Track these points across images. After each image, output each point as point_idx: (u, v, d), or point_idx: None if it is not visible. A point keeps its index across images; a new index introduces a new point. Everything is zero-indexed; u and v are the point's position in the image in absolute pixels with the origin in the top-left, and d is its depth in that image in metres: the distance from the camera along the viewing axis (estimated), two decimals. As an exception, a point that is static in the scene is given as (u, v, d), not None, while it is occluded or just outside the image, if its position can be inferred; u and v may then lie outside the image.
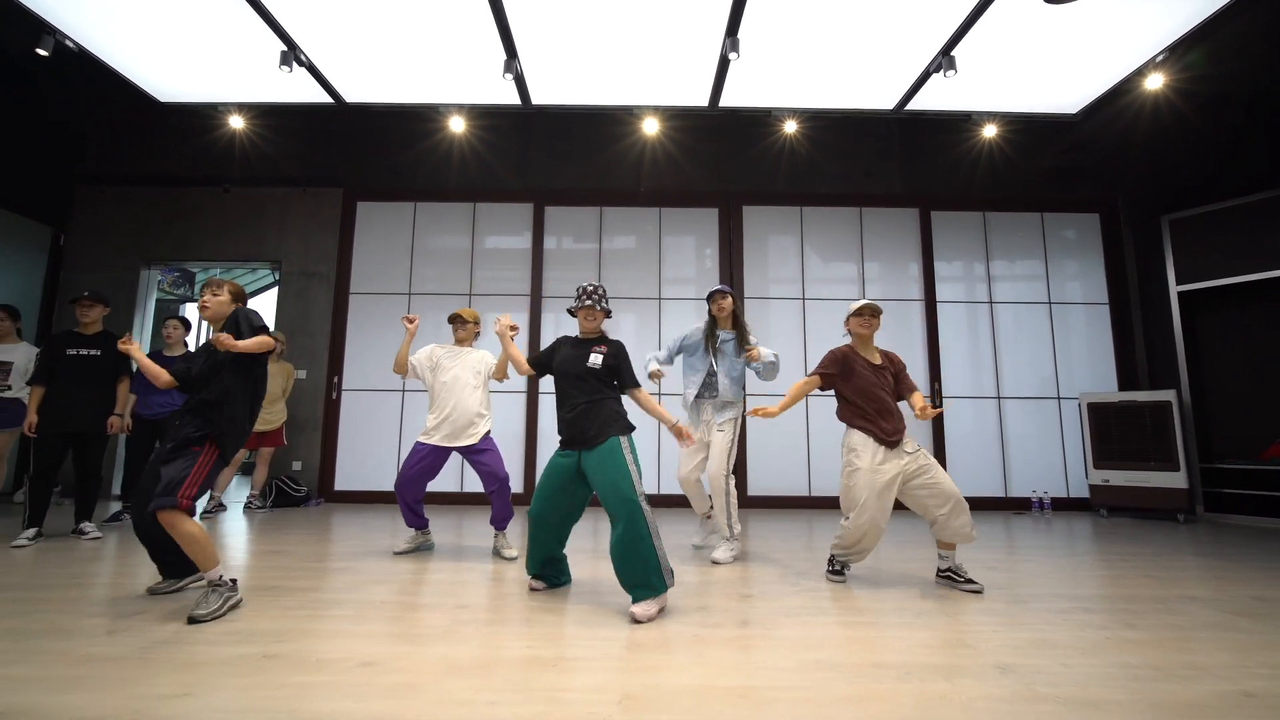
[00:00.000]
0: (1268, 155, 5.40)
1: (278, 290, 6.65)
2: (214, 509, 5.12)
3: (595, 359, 2.79)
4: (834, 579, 3.13)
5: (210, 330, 2.84)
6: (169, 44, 4.38)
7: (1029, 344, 6.46)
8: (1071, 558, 3.80)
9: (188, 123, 6.10)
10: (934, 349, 6.35)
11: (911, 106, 5.04)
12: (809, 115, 5.51)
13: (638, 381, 2.92)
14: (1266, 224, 5.41)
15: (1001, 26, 4.09)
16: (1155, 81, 4.66)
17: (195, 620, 2.28)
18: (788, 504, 6.03)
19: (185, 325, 4.96)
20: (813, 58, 4.48)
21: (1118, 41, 4.26)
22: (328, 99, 5.04)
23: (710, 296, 3.79)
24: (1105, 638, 2.27)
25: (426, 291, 6.47)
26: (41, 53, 4.07)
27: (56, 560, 3.34)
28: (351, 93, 5.02)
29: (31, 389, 3.97)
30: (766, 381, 3.79)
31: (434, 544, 3.90)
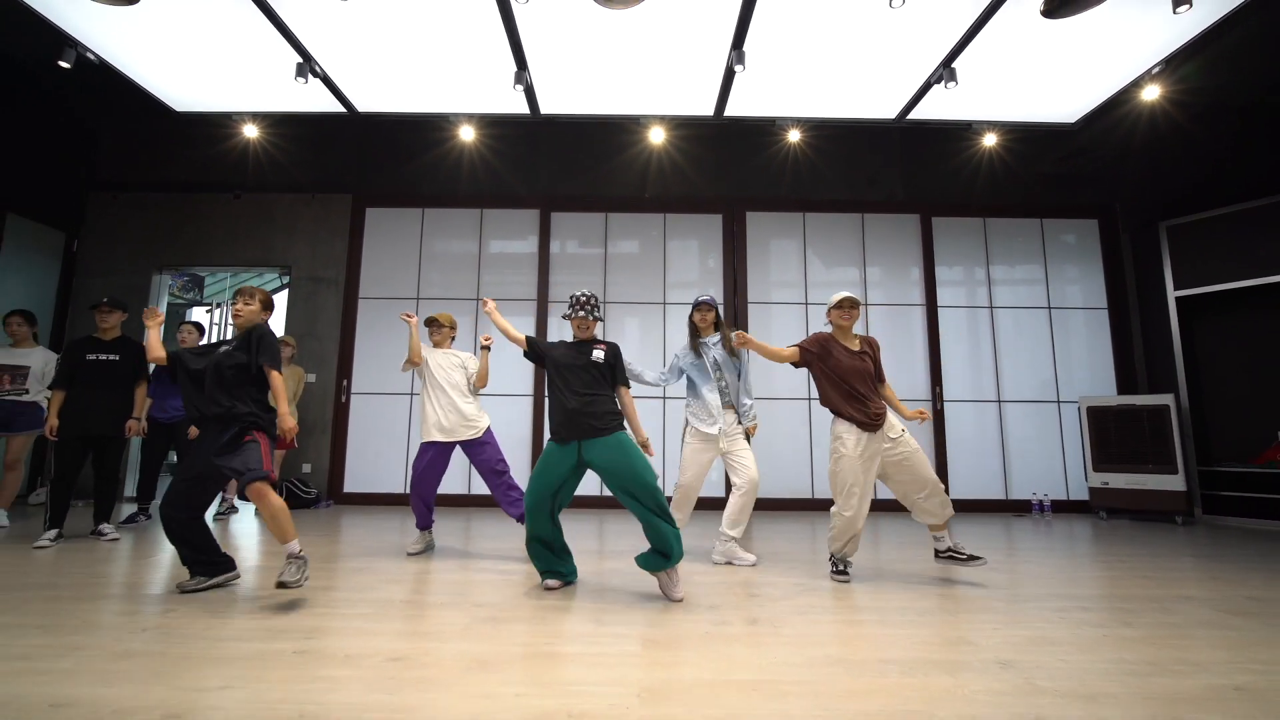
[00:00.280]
0: (1263, 163, 5.49)
1: (288, 295, 6.74)
2: (226, 511, 5.20)
3: (597, 354, 3.02)
4: (838, 579, 3.22)
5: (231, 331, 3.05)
6: (186, 55, 4.49)
7: (1029, 348, 6.55)
8: (1071, 559, 3.88)
9: (201, 131, 6.20)
10: (935, 353, 6.43)
11: (913, 116, 5.14)
12: (812, 124, 5.61)
13: (628, 381, 3.15)
14: (1262, 230, 5.50)
15: (1001, 39, 4.19)
16: (1152, 92, 4.76)
17: (284, 585, 2.56)
18: (791, 506, 6.11)
19: (199, 330, 5.05)
20: (816, 69, 4.58)
21: (1115, 54, 4.36)
22: (340, 108, 5.14)
23: (697, 305, 3.83)
24: (1102, 635, 2.36)
25: (434, 296, 6.55)
26: (64, 65, 4.17)
27: (79, 560, 3.43)
28: (364, 102, 5.12)
29: (52, 393, 4.05)
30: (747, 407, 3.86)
31: (435, 543, 4.04)
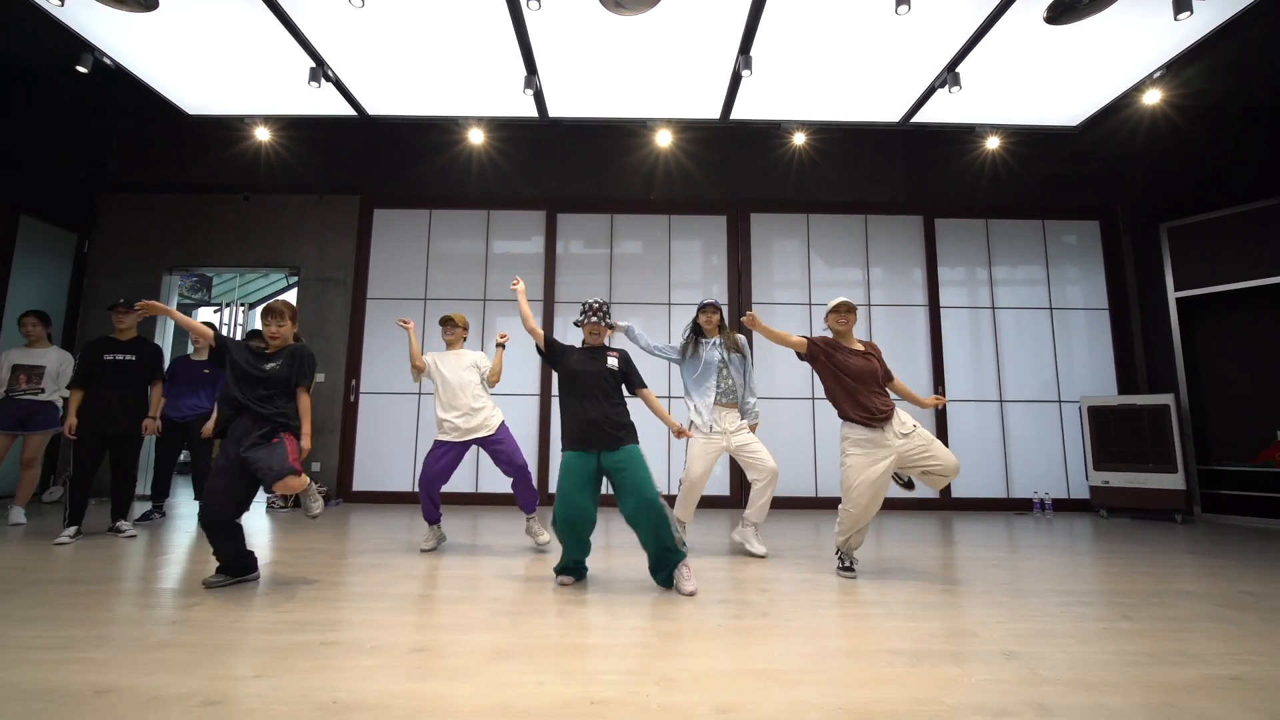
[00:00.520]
0: (1263, 165, 5.56)
1: (296, 295, 6.81)
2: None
3: (612, 361, 3.14)
4: (845, 575, 3.28)
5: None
6: (201, 60, 4.56)
7: (1030, 348, 6.61)
8: (1071, 556, 3.95)
9: (213, 134, 6.27)
10: (937, 353, 6.50)
11: (917, 119, 5.21)
12: (817, 127, 5.68)
13: (644, 383, 3.26)
14: (1262, 232, 5.56)
15: (1004, 44, 4.26)
16: (1153, 96, 4.83)
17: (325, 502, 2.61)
18: (795, 504, 6.17)
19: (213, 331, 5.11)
20: (822, 73, 4.65)
21: (1117, 59, 4.42)
22: (351, 112, 5.20)
23: (702, 308, 3.95)
24: (1103, 628, 2.43)
25: (441, 297, 6.62)
26: (81, 70, 4.24)
27: (99, 556, 3.50)
28: (374, 106, 5.19)
29: (71, 392, 4.13)
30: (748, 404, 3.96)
31: (445, 536, 4.11)
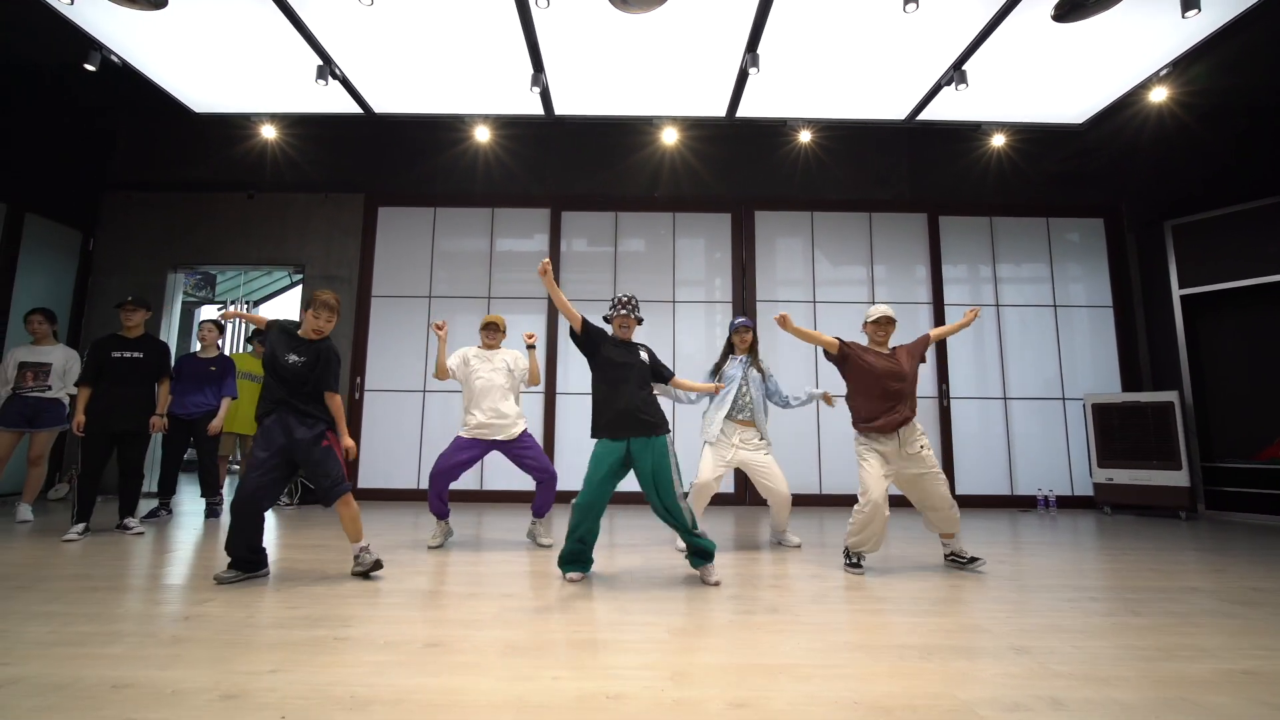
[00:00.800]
0: (1268, 163, 5.56)
1: (300, 293, 6.83)
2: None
3: (643, 355, 3.23)
4: (852, 571, 3.30)
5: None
6: (208, 58, 4.56)
7: (1034, 346, 6.62)
8: (1077, 552, 3.96)
9: (219, 132, 6.28)
10: (941, 350, 6.50)
11: (923, 117, 5.21)
12: (823, 125, 5.68)
13: (672, 371, 3.39)
14: (1267, 229, 5.56)
15: (1011, 42, 4.26)
16: (1159, 94, 4.82)
17: (367, 574, 2.98)
18: (799, 502, 6.16)
19: (219, 328, 5.13)
20: (829, 71, 4.65)
21: (1124, 56, 4.42)
22: (357, 109, 5.21)
23: (736, 329, 4.05)
24: (1112, 623, 2.44)
25: (445, 295, 6.63)
26: (89, 68, 4.25)
27: (108, 553, 3.51)
28: (380, 103, 5.19)
29: (79, 389, 4.13)
30: (782, 405, 4.05)
31: (453, 531, 4.11)
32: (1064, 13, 3.93)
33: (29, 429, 4.51)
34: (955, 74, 4.45)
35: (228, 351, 5.71)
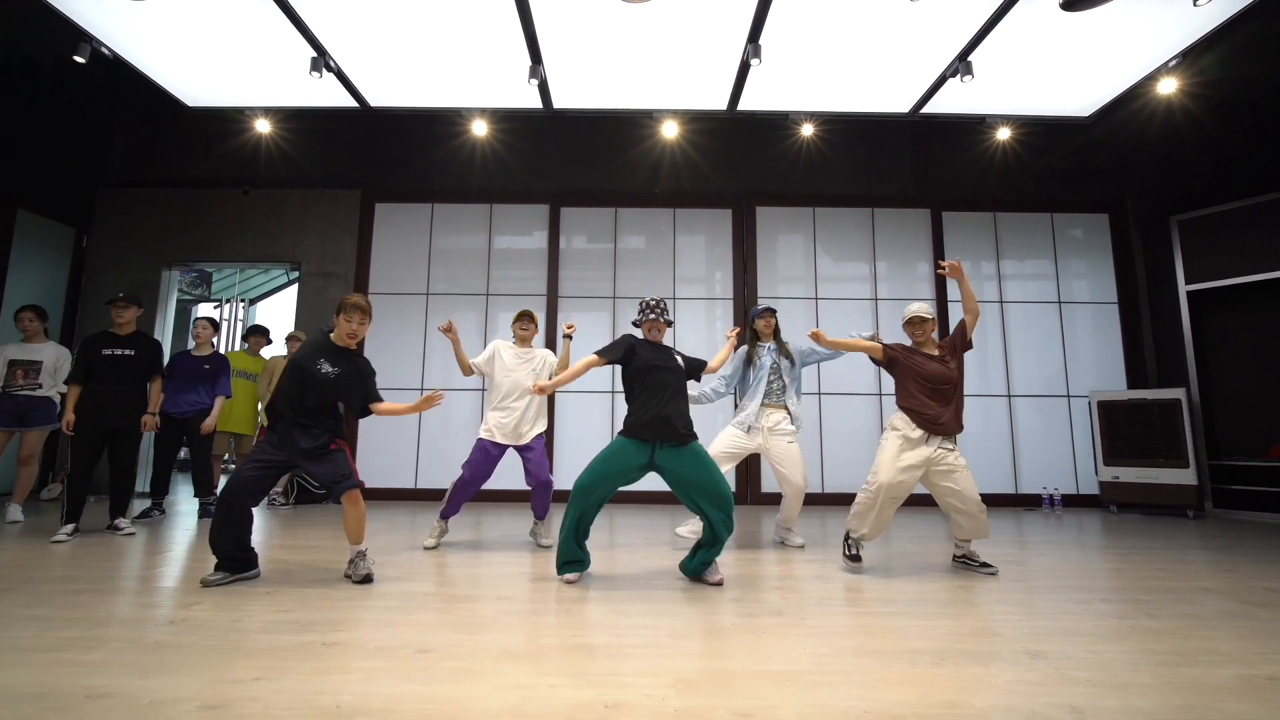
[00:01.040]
0: (1277, 156, 5.47)
1: (297, 290, 6.75)
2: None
3: (679, 360, 3.13)
4: (850, 563, 3.24)
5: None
6: (201, 51, 4.48)
7: (1039, 343, 6.54)
8: (1085, 552, 3.89)
9: (213, 127, 6.20)
10: (945, 348, 6.42)
11: (927, 110, 5.13)
12: (825, 118, 5.59)
13: (702, 360, 3.34)
14: (1275, 224, 5.48)
15: (1018, 32, 4.18)
16: (1168, 85, 4.73)
17: (365, 581, 2.86)
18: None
19: (214, 326, 5.05)
20: (832, 62, 4.58)
21: (1132, 47, 4.34)
22: (352, 103, 5.13)
23: (759, 314, 4.04)
24: (1127, 626, 2.36)
25: (443, 291, 6.56)
26: (79, 60, 4.16)
27: (97, 555, 3.44)
28: (376, 97, 5.11)
29: (69, 388, 4.06)
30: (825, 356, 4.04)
31: (449, 530, 4.03)
32: (1072, 1, 3.85)
33: (19, 428, 4.44)
34: (960, 65, 4.37)
35: (223, 349, 5.63)
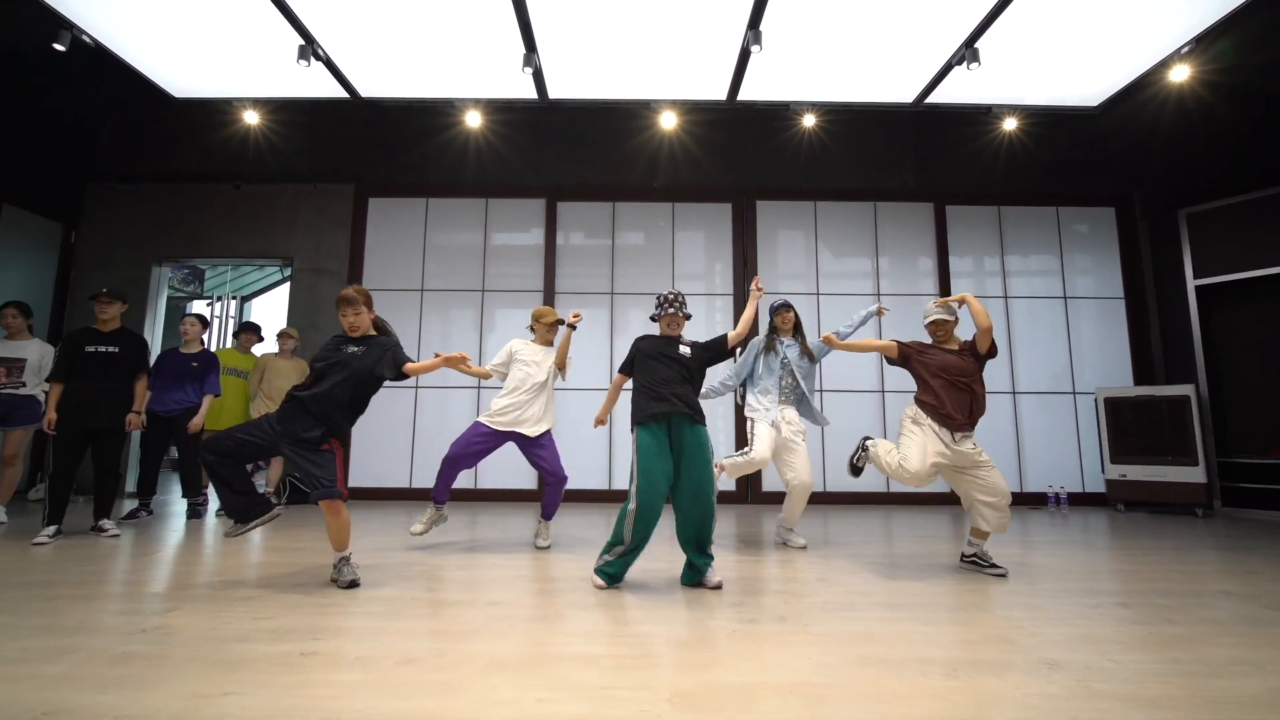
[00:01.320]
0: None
1: (289, 287, 6.64)
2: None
3: (685, 350, 3.05)
4: (850, 472, 3.35)
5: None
6: (184, 38, 4.35)
7: (1043, 339, 6.43)
8: (1095, 552, 3.78)
9: (200, 118, 6.07)
10: (949, 344, 6.31)
11: (931, 99, 5.00)
12: (827, 108, 5.46)
13: (723, 335, 3.19)
14: (1285, 217, 5.37)
15: (1026, 17, 4.05)
16: (1180, 73, 4.59)
17: (350, 586, 2.74)
18: (803, 500, 6.00)
19: (203, 323, 4.94)
20: (834, 50, 4.45)
21: (1143, 32, 4.20)
22: (343, 94, 5.01)
23: (776, 309, 3.97)
24: (1147, 633, 2.25)
25: (438, 288, 6.44)
26: (58, 48, 4.04)
27: (78, 557, 3.33)
28: (367, 87, 4.99)
29: (50, 386, 3.95)
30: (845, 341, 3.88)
31: (447, 517, 3.89)
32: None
33: (2, 427, 4.33)
34: (967, 52, 4.24)
35: (213, 347, 5.52)
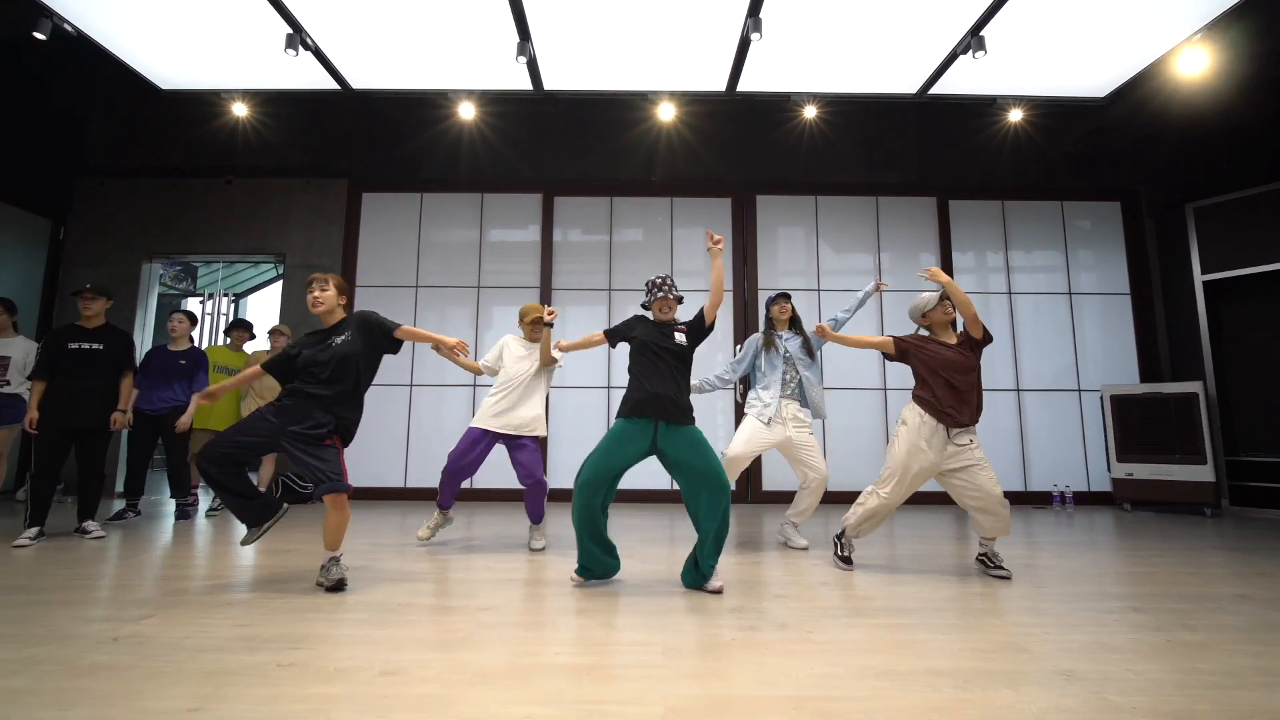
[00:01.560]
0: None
1: (282, 284, 6.54)
2: (219, 507, 5.00)
3: (679, 337, 2.93)
4: (841, 565, 3.18)
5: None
6: (169, 26, 4.23)
7: (1048, 335, 6.34)
8: (1104, 554, 3.68)
9: (189, 111, 5.95)
10: (952, 341, 6.21)
11: (935, 90, 4.88)
12: (828, 100, 5.33)
13: (700, 311, 3.00)
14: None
15: (1034, 3, 3.92)
16: (1190, 62, 4.47)
17: (337, 588, 2.64)
18: (804, 499, 5.90)
19: (191, 319, 4.84)
20: (836, 38, 4.33)
21: (1154, 18, 4.08)
22: (333, 85, 4.90)
23: (772, 301, 3.88)
24: (1165, 640, 2.15)
25: (434, 284, 6.34)
26: (39, 36, 3.93)
27: (59, 561, 3.23)
28: (358, 78, 4.88)
29: (32, 384, 3.85)
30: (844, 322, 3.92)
31: (453, 519, 3.88)
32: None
33: (-15, 426, 4.24)
34: (972, 40, 4.13)
35: (205, 345, 5.42)
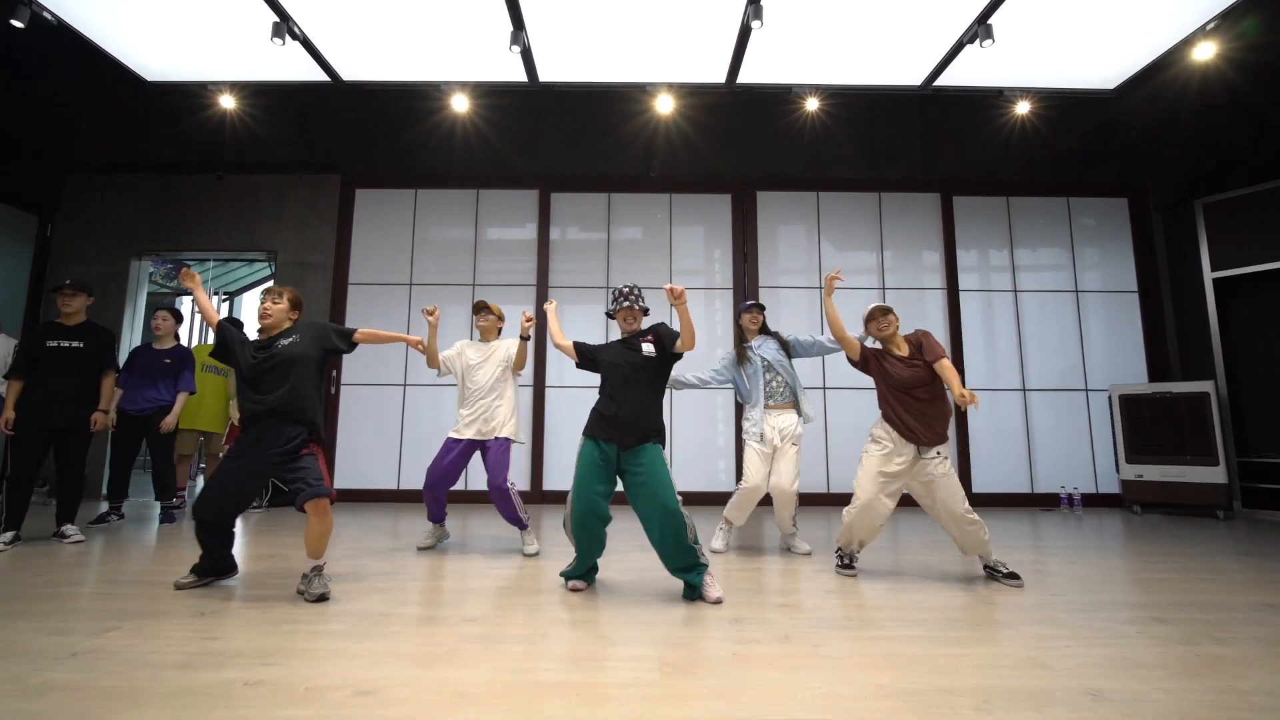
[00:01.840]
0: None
1: (273, 282, 6.42)
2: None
3: (647, 348, 2.82)
4: (844, 573, 3.07)
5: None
6: (151, 13, 4.10)
7: (1054, 334, 6.21)
8: (1119, 559, 3.55)
9: (177, 104, 5.82)
10: (956, 339, 6.09)
11: (941, 82, 4.75)
12: (831, 92, 5.19)
13: (676, 333, 2.82)
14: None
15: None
16: (1204, 51, 4.34)
17: (319, 600, 2.51)
18: (806, 501, 5.75)
19: (176, 317, 4.72)
20: (839, 28, 4.20)
21: (1166, 6, 3.95)
22: (324, 77, 4.76)
23: (745, 309, 3.82)
24: (1195, 655, 2.02)
25: (428, 282, 6.22)
26: (16, 24, 3.81)
27: (32, 567, 3.10)
28: (349, 70, 4.75)
29: (9, 383, 3.73)
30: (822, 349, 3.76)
31: (449, 534, 3.91)
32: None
33: (-36, 426, 4.10)
34: (980, 29, 4.01)
35: (194, 343, 5.29)
